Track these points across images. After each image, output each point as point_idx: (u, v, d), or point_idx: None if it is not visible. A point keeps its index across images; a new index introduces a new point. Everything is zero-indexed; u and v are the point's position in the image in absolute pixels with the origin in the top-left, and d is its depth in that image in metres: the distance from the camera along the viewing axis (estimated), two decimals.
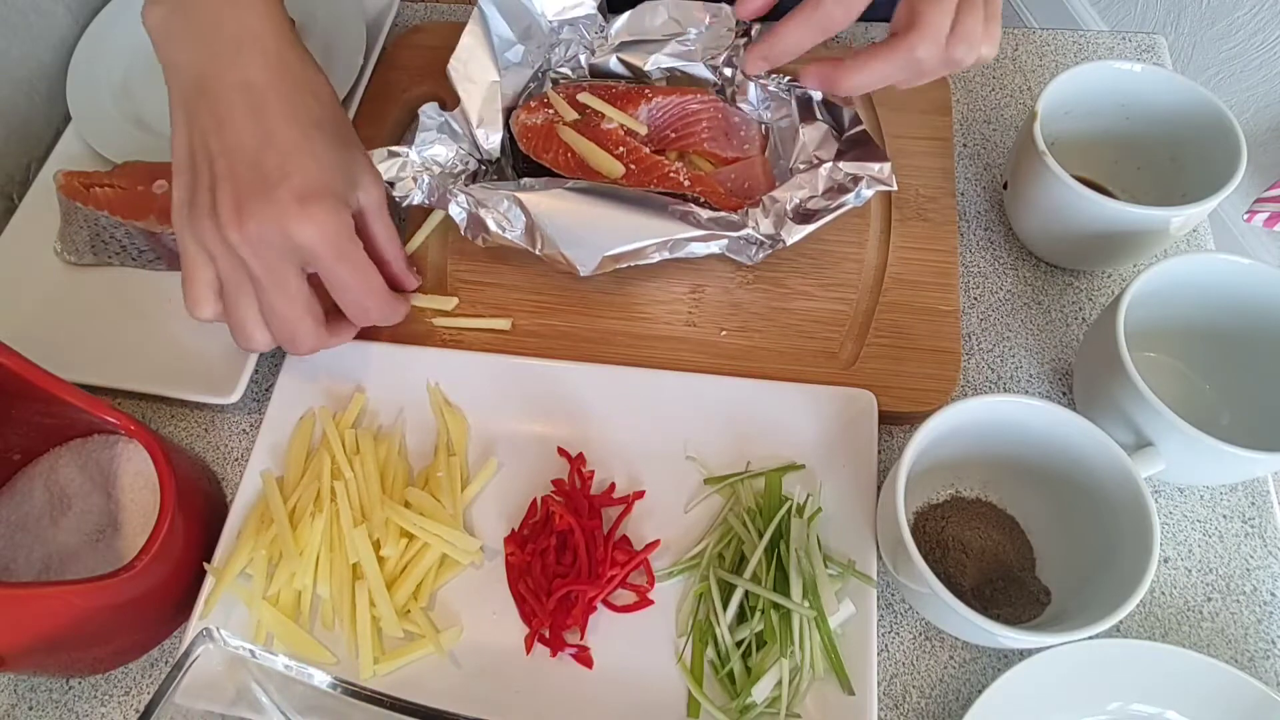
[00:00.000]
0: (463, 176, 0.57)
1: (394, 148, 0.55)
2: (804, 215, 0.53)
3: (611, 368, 0.54)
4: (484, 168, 0.60)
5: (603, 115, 0.59)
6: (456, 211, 0.54)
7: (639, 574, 0.49)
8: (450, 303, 0.57)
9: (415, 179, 0.55)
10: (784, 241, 0.53)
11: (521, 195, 0.54)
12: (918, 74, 0.47)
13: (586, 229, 0.53)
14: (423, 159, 0.56)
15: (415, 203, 0.54)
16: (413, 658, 0.47)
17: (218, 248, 0.43)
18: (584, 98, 0.59)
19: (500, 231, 0.54)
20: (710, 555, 0.49)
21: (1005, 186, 0.60)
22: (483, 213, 0.54)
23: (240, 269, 0.44)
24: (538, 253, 0.53)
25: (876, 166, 0.53)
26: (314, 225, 0.43)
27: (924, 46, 0.45)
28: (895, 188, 0.53)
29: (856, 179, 0.53)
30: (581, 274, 0.53)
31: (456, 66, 0.59)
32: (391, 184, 0.54)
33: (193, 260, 0.44)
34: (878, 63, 0.46)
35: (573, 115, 0.59)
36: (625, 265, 0.53)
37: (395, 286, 0.52)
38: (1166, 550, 0.52)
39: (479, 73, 0.59)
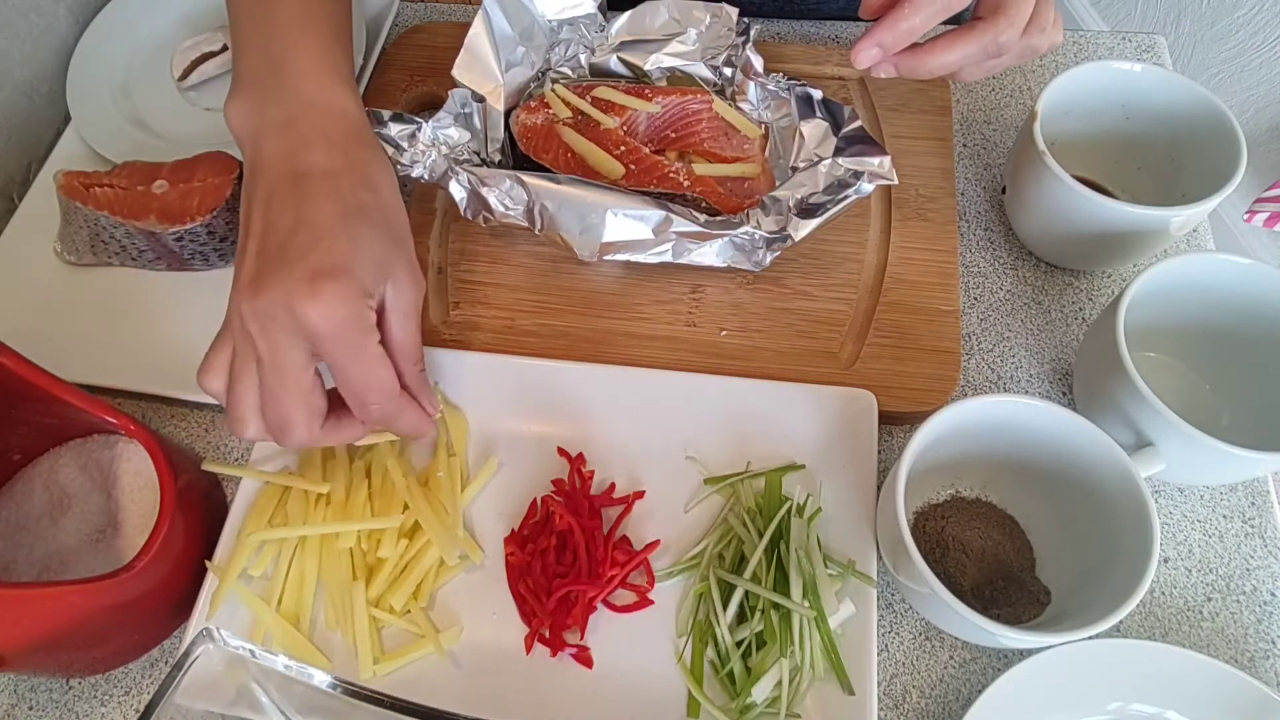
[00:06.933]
0: (465, 165, 0.57)
1: (406, 113, 0.56)
2: (807, 211, 0.53)
3: (611, 368, 0.54)
4: (486, 166, 0.60)
5: (605, 110, 0.59)
6: (457, 190, 0.54)
7: (639, 574, 0.49)
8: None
9: (423, 152, 0.55)
10: (792, 237, 0.52)
11: (524, 176, 0.54)
12: (994, 57, 0.49)
13: (586, 216, 0.53)
14: (434, 136, 0.56)
15: (415, 175, 0.55)
16: (413, 658, 0.47)
17: (234, 320, 0.42)
18: (582, 105, 0.60)
19: (502, 209, 0.54)
20: (710, 555, 0.49)
21: (1004, 191, 0.61)
22: (484, 191, 0.54)
23: (248, 343, 0.41)
24: (537, 232, 0.53)
25: (876, 161, 0.53)
26: (319, 303, 0.40)
27: (1009, 31, 0.47)
28: (896, 181, 0.53)
29: (857, 174, 0.53)
30: (581, 257, 0.53)
31: (461, 67, 0.59)
32: (396, 146, 0.54)
33: (221, 332, 0.44)
34: (962, 43, 0.48)
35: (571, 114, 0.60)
36: (623, 256, 0.53)
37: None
38: (1166, 550, 0.52)
39: (482, 73, 0.59)
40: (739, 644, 0.46)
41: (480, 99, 0.59)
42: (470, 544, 0.50)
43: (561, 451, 0.53)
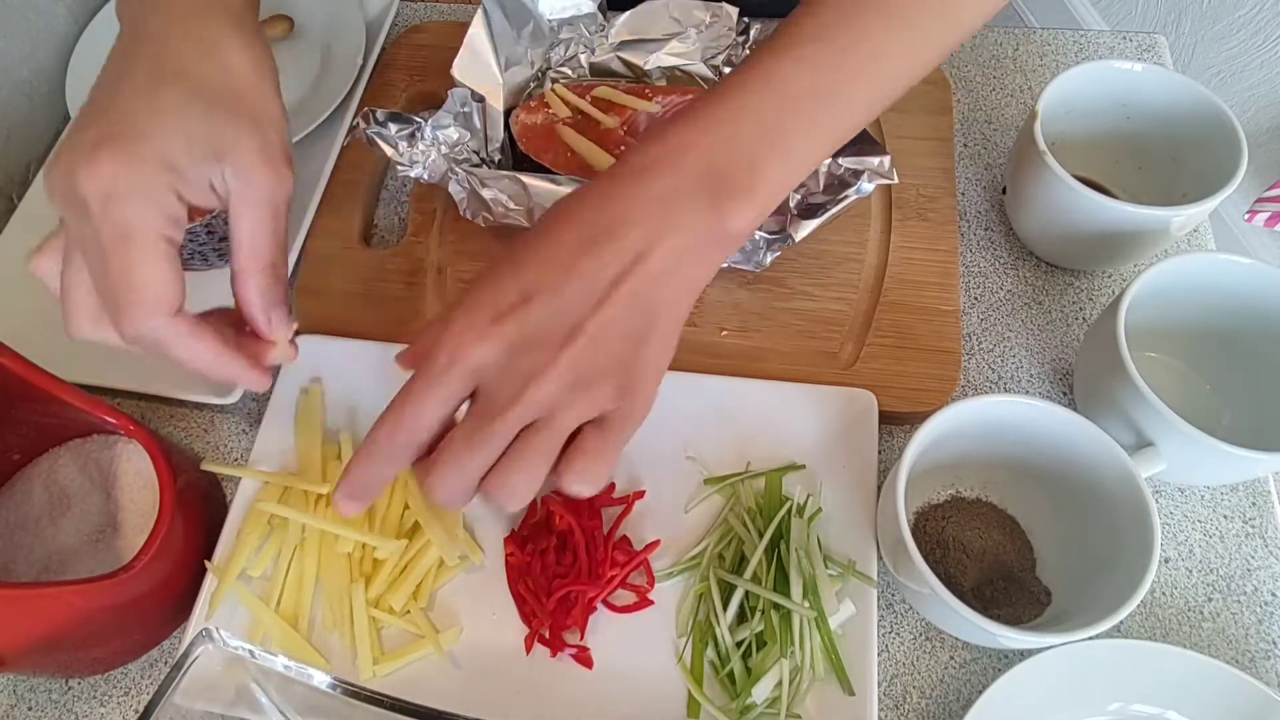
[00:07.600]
0: (465, 165, 0.57)
1: (406, 113, 0.56)
2: (807, 211, 0.53)
3: None
4: (485, 165, 0.60)
5: (605, 110, 0.59)
6: (457, 190, 0.54)
7: (639, 574, 0.49)
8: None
9: (423, 152, 0.55)
10: (792, 238, 0.52)
11: (524, 176, 0.54)
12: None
13: None
14: (433, 136, 0.56)
15: (415, 175, 0.54)
16: (413, 658, 0.47)
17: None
18: (582, 105, 0.59)
19: (502, 209, 0.54)
20: (710, 555, 0.49)
21: (1004, 191, 0.60)
22: (484, 191, 0.54)
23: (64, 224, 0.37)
24: None
25: (876, 160, 0.53)
26: (92, 170, 0.34)
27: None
28: (896, 181, 0.53)
29: (857, 174, 0.53)
30: None
31: (461, 67, 0.59)
32: (394, 145, 0.54)
33: None
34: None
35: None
36: None
37: (248, 324, 0.41)
38: (1167, 550, 0.52)
39: (482, 73, 0.59)
40: (739, 644, 0.46)
41: (480, 99, 0.58)
42: (470, 544, 0.50)
43: None
